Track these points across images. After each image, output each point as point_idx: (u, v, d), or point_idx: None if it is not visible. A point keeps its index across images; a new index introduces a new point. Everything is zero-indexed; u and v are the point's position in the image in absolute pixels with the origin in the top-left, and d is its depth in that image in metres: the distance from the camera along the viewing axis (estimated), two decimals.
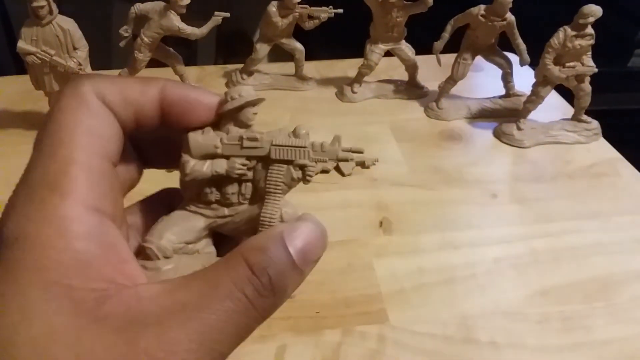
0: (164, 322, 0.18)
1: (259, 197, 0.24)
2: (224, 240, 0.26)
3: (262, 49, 0.70)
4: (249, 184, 0.24)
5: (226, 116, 0.23)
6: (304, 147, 0.23)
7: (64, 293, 0.17)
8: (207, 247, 0.25)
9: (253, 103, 0.23)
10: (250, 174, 0.23)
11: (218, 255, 0.25)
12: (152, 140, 0.24)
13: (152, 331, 0.17)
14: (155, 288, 0.19)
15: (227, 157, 0.23)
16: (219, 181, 0.23)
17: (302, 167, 0.23)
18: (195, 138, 0.23)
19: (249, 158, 0.23)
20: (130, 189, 0.25)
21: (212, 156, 0.23)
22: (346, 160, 0.24)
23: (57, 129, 0.20)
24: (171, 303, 0.18)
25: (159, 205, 0.25)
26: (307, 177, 0.23)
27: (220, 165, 0.23)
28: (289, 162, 0.23)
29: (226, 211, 0.24)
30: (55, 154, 0.19)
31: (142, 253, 0.23)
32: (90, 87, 0.21)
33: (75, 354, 0.16)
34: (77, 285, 0.18)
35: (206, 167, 0.23)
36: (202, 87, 0.23)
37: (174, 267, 0.23)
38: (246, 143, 0.23)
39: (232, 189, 0.24)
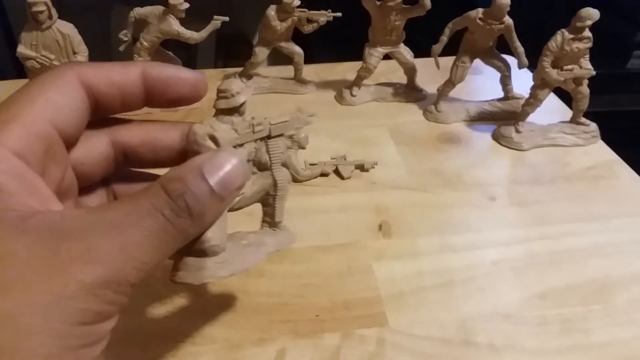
0: (85, 233, 0.19)
1: (261, 169, 0.29)
2: None
3: (261, 52, 0.70)
4: (251, 162, 0.29)
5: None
6: (287, 120, 0.29)
7: None
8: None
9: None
10: (254, 154, 0.29)
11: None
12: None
13: (74, 240, 0.19)
14: (79, 210, 0.21)
15: (242, 144, 0.28)
16: None
17: (291, 137, 0.30)
18: (222, 136, 0.26)
19: (256, 140, 0.29)
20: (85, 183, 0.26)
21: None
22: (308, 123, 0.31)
23: (18, 95, 0.23)
24: (94, 219, 0.20)
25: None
26: (295, 142, 0.30)
27: (245, 154, 0.28)
28: (280, 135, 0.29)
29: None
30: (5, 112, 0.22)
31: None
32: (70, 70, 0.23)
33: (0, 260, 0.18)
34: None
35: None
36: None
37: None
38: (256, 128, 0.28)
39: None
